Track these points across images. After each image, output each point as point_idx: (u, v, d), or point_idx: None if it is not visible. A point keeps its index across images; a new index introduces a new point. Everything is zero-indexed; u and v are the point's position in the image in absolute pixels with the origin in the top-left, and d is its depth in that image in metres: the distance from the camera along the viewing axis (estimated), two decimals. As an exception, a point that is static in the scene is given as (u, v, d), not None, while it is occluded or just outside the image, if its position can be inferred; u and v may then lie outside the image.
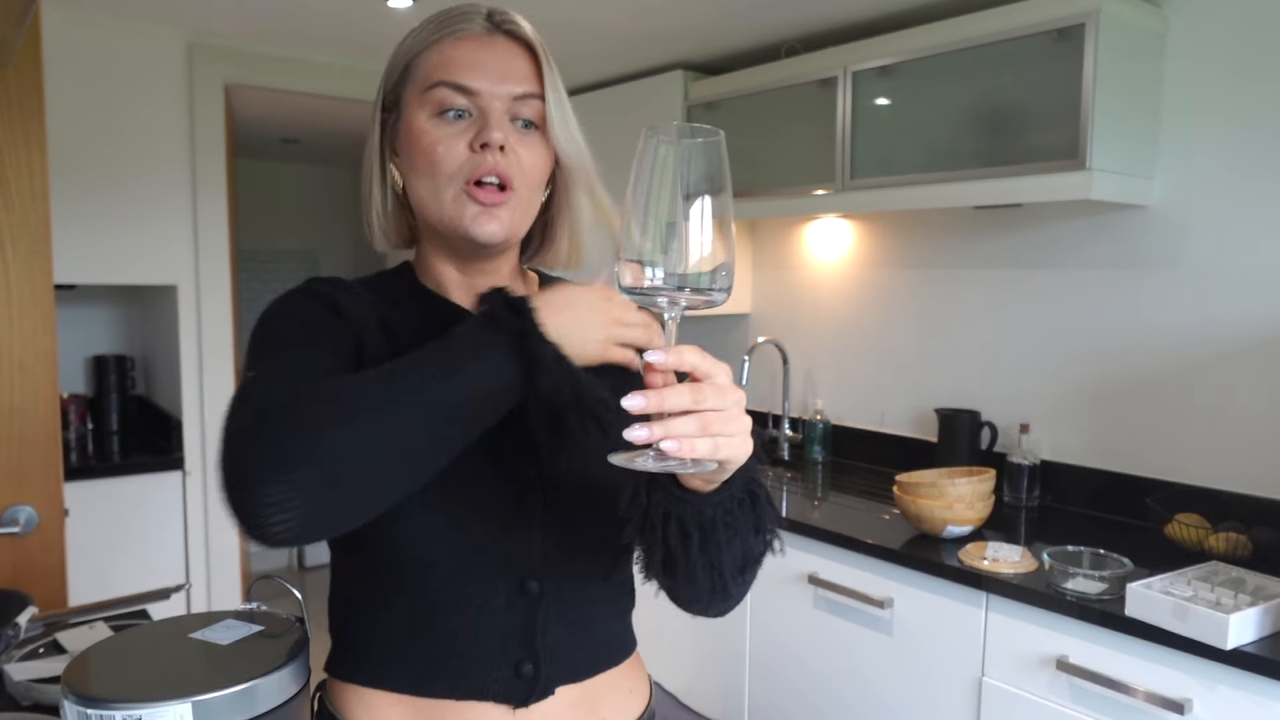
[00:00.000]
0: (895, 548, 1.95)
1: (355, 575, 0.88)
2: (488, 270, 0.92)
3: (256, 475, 0.64)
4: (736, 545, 0.75)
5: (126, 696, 0.70)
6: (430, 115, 0.85)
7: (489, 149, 0.83)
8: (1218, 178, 1.99)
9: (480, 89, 0.84)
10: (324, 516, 0.67)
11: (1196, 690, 1.51)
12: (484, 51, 0.85)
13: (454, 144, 0.83)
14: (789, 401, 2.97)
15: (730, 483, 0.73)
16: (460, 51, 0.85)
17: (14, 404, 1.70)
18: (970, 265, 2.47)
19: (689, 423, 0.64)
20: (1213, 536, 1.81)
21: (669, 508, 0.73)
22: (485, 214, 0.84)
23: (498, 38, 0.87)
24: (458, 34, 0.86)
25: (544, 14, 2.46)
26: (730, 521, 0.74)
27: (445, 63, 0.85)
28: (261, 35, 2.73)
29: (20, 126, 1.67)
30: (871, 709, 2.04)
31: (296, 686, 0.78)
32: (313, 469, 0.65)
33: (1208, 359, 2.02)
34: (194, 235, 2.77)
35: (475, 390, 0.71)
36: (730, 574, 0.77)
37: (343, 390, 0.69)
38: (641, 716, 0.96)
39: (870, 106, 2.32)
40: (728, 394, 0.66)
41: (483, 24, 0.87)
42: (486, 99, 0.84)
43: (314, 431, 0.66)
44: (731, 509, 0.73)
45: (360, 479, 0.67)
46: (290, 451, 0.65)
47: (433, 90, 0.84)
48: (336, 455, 0.65)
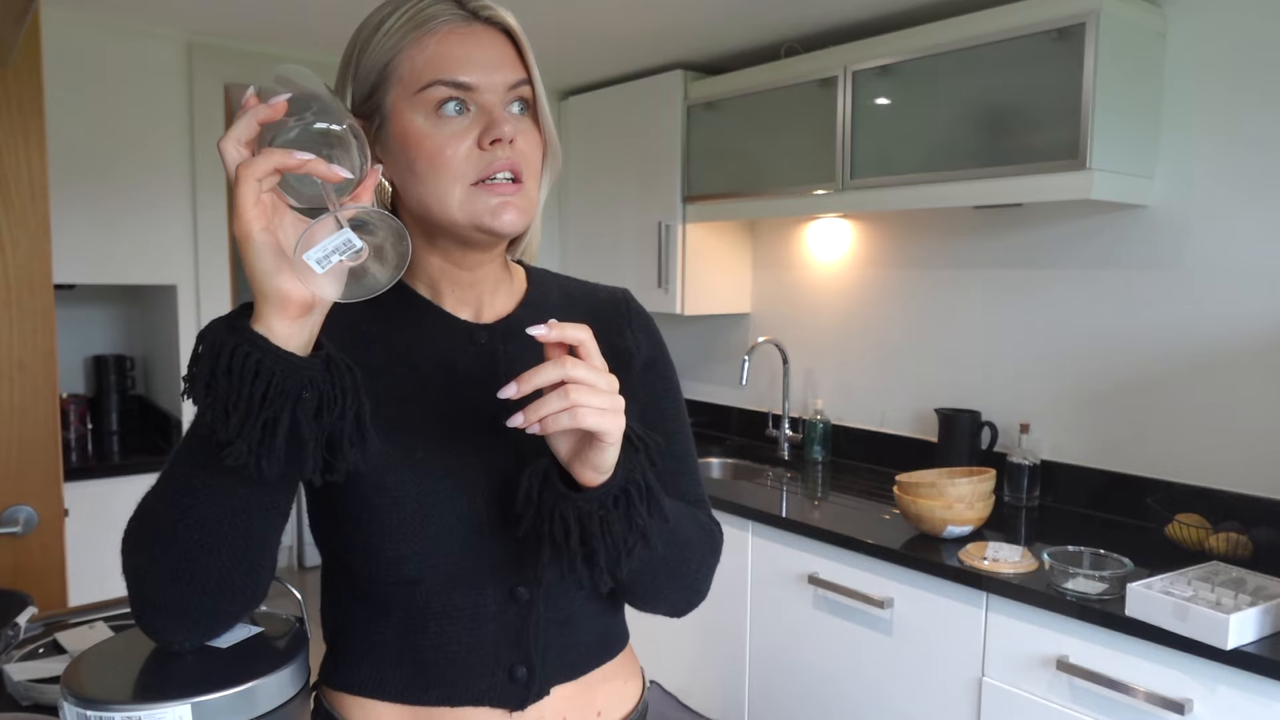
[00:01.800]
0: (895, 548, 1.95)
1: (346, 588, 0.88)
2: (481, 266, 0.89)
3: (138, 623, 0.76)
4: (609, 538, 0.77)
5: (125, 698, 0.70)
6: (427, 116, 0.81)
7: (500, 144, 0.81)
8: (1218, 177, 1.99)
9: (478, 83, 0.81)
10: (209, 628, 0.79)
11: (1197, 690, 1.51)
12: (471, 43, 0.82)
13: (460, 143, 0.81)
14: (789, 401, 2.97)
15: (612, 479, 0.76)
16: (447, 46, 0.81)
17: (14, 404, 1.69)
18: (970, 265, 2.47)
19: (555, 400, 0.70)
20: (1213, 536, 1.81)
21: (555, 503, 0.76)
22: (505, 205, 0.81)
23: (477, 26, 0.83)
24: (437, 28, 0.82)
25: (544, 14, 2.46)
26: (605, 515, 0.76)
27: (434, 60, 0.81)
28: (261, 35, 2.73)
29: (20, 126, 1.67)
30: (872, 709, 2.04)
31: (296, 687, 0.78)
32: (165, 614, 0.75)
33: (1208, 359, 2.02)
34: (194, 235, 2.77)
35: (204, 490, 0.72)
36: (607, 565, 0.78)
37: (137, 528, 0.75)
38: (636, 705, 0.97)
39: (870, 106, 2.31)
40: (599, 372, 0.72)
41: (458, 12, 0.83)
42: (484, 93, 0.81)
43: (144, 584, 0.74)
44: (607, 504, 0.76)
45: (200, 598, 0.74)
46: (145, 604, 0.75)
47: (427, 90, 0.81)
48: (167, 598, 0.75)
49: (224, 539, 0.72)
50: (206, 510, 0.71)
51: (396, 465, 0.82)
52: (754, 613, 2.32)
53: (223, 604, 0.76)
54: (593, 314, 0.96)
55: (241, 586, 0.75)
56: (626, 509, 0.77)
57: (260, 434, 0.66)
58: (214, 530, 0.72)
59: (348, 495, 0.82)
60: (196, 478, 0.71)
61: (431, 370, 0.87)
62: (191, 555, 0.72)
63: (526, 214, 0.84)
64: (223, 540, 0.72)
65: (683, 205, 2.89)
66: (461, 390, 0.86)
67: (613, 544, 0.77)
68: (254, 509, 0.72)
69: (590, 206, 3.25)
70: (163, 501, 0.73)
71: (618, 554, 0.77)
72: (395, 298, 0.88)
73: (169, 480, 0.73)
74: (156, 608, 0.75)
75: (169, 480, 0.73)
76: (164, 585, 0.73)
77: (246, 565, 0.74)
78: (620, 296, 1.00)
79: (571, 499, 0.76)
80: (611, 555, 0.77)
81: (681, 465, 0.97)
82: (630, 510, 0.77)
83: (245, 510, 0.72)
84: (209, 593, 0.74)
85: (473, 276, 0.89)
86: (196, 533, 0.71)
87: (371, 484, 0.81)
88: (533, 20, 2.52)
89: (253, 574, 0.75)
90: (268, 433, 0.66)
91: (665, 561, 0.87)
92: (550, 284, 0.98)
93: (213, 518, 0.71)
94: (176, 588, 0.73)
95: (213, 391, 0.66)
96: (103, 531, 2.56)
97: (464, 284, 0.89)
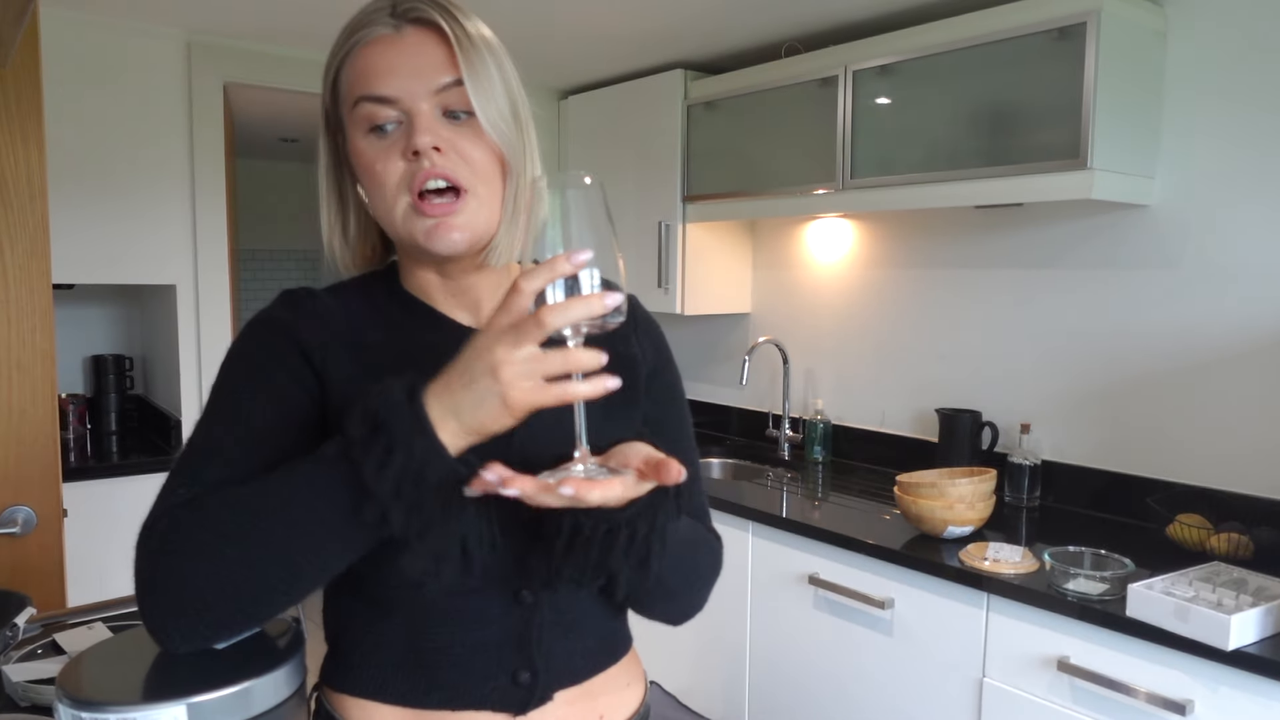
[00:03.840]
0: (896, 548, 1.95)
1: (349, 589, 0.87)
2: (467, 274, 0.87)
3: (150, 622, 0.73)
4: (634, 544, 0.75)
5: (121, 699, 0.70)
6: (364, 133, 0.80)
7: (421, 155, 0.78)
8: (1218, 177, 1.98)
9: (398, 94, 0.78)
10: (224, 638, 0.77)
11: (1198, 691, 1.51)
12: (393, 52, 0.79)
13: (389, 158, 0.79)
14: (789, 401, 2.96)
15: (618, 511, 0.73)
16: (371, 59, 0.79)
17: (12, 404, 1.69)
18: (970, 265, 2.47)
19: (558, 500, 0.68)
20: (1214, 537, 1.81)
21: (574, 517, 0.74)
22: (440, 226, 0.79)
23: (405, 31, 0.80)
24: (365, 39, 0.80)
25: (544, 14, 2.46)
26: (590, 536, 0.74)
27: (360, 75, 0.80)
28: (261, 35, 2.73)
29: (19, 126, 1.67)
30: (872, 710, 2.03)
31: (292, 688, 0.78)
32: (191, 619, 0.72)
33: (1208, 359, 2.02)
34: (193, 235, 2.77)
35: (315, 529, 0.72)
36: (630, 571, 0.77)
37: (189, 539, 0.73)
38: (639, 708, 0.96)
39: (870, 106, 2.31)
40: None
41: (388, 20, 0.80)
42: (409, 102, 0.78)
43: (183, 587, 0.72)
44: (598, 531, 0.74)
45: (228, 613, 0.73)
46: (170, 605, 0.73)
47: (357, 108, 0.80)
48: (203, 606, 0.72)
49: (302, 574, 0.73)
50: (300, 544, 0.72)
51: None
52: (754, 613, 2.32)
53: (256, 621, 0.76)
54: None
55: (282, 610, 0.76)
56: (610, 545, 0.74)
57: (443, 546, 0.71)
58: (296, 563, 0.72)
59: None
60: (305, 512, 0.71)
61: (432, 374, 0.86)
62: (259, 579, 0.72)
63: (471, 231, 0.81)
64: (299, 574, 0.73)
65: (683, 205, 2.89)
66: None
67: (577, 566, 0.75)
68: (349, 556, 0.74)
69: (590, 206, 3.25)
70: (253, 521, 0.72)
71: (577, 576, 0.75)
72: (396, 302, 0.88)
73: (266, 500, 0.72)
74: (182, 611, 0.73)
75: (266, 500, 0.72)
76: (211, 595, 0.72)
77: (299, 596, 0.75)
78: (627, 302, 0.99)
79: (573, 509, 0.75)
80: (568, 573, 0.75)
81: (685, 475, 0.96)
82: (611, 548, 0.74)
83: (341, 558, 0.74)
84: (255, 614, 0.74)
85: (464, 283, 0.88)
86: (278, 562, 0.72)
87: None
88: (533, 20, 2.52)
89: (296, 602, 0.76)
90: (451, 546, 0.71)
91: (659, 590, 0.87)
92: None
93: (303, 550, 0.72)
94: (223, 602, 0.72)
95: (402, 495, 0.68)
96: (102, 532, 2.57)
97: (458, 290, 0.88)
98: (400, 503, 0.67)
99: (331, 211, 0.87)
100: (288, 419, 0.81)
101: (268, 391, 0.81)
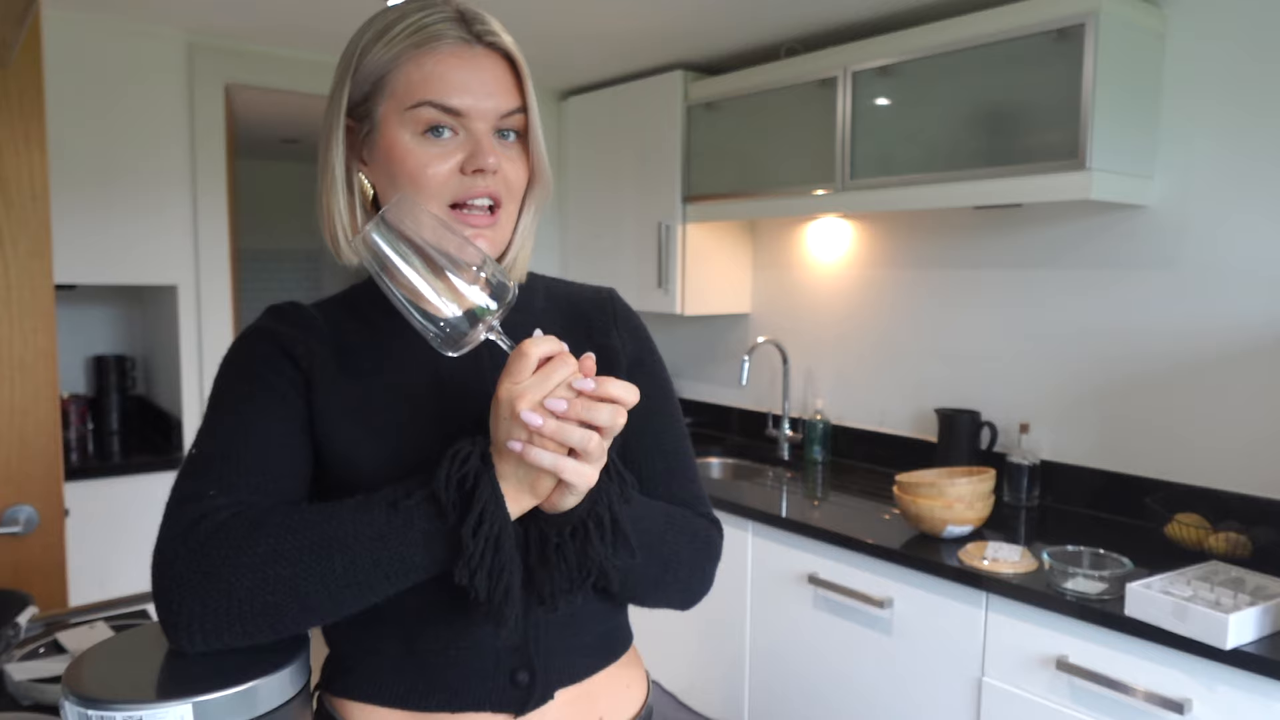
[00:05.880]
0: (895, 548, 1.96)
1: None
2: None
3: (173, 618, 0.74)
4: (563, 566, 0.79)
5: (127, 697, 0.70)
6: (415, 134, 0.82)
7: (482, 174, 0.82)
8: (1217, 178, 1.99)
9: (469, 109, 0.82)
10: (233, 643, 0.76)
11: (1196, 690, 1.51)
12: (468, 69, 0.82)
13: (442, 165, 0.82)
14: (789, 401, 2.97)
15: (575, 510, 0.77)
16: (444, 68, 0.82)
17: (14, 404, 1.70)
18: (970, 265, 2.47)
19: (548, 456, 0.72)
20: (1212, 536, 1.81)
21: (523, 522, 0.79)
22: (474, 238, 0.83)
23: (478, 50, 0.83)
24: (436, 47, 0.82)
25: (544, 14, 2.46)
26: (560, 544, 0.78)
27: (428, 80, 0.81)
28: (261, 35, 2.73)
29: (20, 126, 1.67)
30: (871, 709, 2.04)
31: (296, 687, 0.78)
32: (220, 624, 0.74)
33: (1207, 359, 2.02)
34: (194, 235, 2.77)
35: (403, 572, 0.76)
36: (552, 592, 0.80)
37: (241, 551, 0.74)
38: (640, 711, 0.96)
39: (870, 106, 2.32)
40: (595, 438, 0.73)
41: (459, 33, 0.83)
42: (474, 119, 0.82)
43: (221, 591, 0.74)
44: (564, 534, 0.78)
45: (259, 626, 0.75)
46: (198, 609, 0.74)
47: (417, 109, 0.81)
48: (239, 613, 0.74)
49: (344, 604, 0.76)
50: (373, 579, 0.75)
51: (387, 470, 0.82)
52: (754, 613, 2.32)
53: (279, 636, 0.77)
54: (578, 315, 0.96)
55: (305, 630, 0.78)
56: (584, 542, 0.77)
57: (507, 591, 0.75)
58: (352, 595, 0.75)
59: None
60: (396, 556, 0.75)
61: (418, 376, 0.87)
62: (301, 601, 0.74)
63: (496, 244, 0.86)
64: (341, 604, 0.76)
65: (682, 205, 2.90)
66: (449, 395, 0.87)
67: (564, 573, 0.78)
68: (398, 588, 0.77)
69: (590, 207, 3.26)
70: (321, 549, 0.74)
71: (568, 584, 0.78)
72: (381, 306, 0.88)
73: (341, 531, 0.75)
74: (215, 616, 0.73)
75: (341, 531, 0.75)
76: (249, 607, 0.73)
77: (328, 621, 0.78)
78: (605, 296, 1.00)
79: (535, 519, 0.78)
80: (560, 584, 0.78)
81: (673, 463, 0.96)
82: (587, 544, 0.77)
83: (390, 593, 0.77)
84: (283, 630, 0.76)
85: None
86: (333, 591, 0.75)
87: (366, 489, 0.81)
88: (533, 20, 2.52)
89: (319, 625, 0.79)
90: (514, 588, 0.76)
91: (646, 575, 0.88)
92: (536, 287, 0.98)
93: (370, 585, 0.75)
94: (259, 617, 0.74)
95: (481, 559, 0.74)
96: (103, 531, 2.57)
97: None
98: (484, 562, 0.74)
99: (341, 200, 0.87)
100: (289, 421, 0.83)
101: (269, 396, 0.83)
